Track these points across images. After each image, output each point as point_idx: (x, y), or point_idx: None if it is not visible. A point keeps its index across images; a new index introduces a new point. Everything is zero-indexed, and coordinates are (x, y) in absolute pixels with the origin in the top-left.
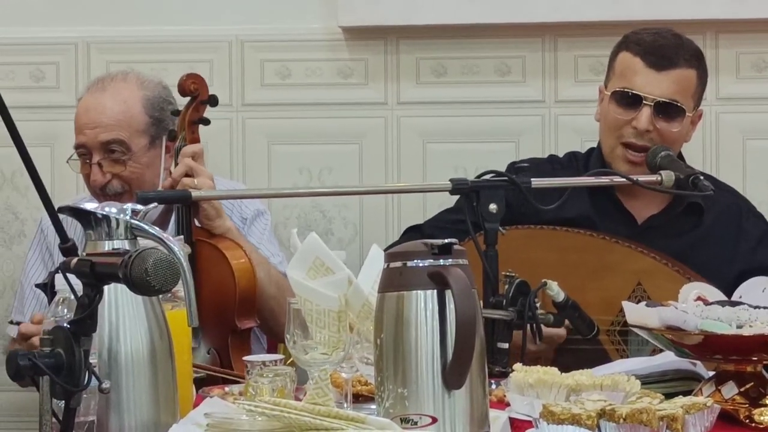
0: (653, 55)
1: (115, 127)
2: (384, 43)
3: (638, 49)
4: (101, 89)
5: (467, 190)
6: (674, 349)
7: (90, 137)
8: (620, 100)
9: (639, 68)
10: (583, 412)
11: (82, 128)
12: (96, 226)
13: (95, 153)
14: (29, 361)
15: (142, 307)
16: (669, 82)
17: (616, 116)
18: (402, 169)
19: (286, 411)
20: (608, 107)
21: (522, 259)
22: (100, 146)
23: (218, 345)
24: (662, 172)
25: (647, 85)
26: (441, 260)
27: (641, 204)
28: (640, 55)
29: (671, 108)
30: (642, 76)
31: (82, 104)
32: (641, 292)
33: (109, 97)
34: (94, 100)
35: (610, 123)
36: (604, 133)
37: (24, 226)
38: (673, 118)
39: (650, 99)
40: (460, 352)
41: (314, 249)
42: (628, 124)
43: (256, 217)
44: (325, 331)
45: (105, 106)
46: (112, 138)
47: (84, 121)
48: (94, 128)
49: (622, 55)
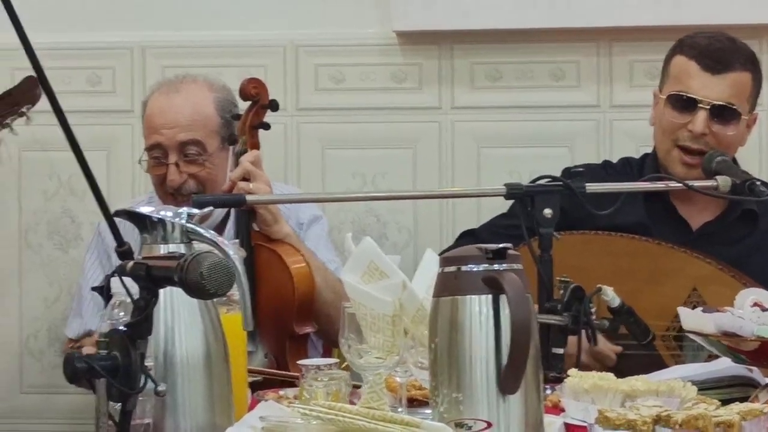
0: (708, 59)
1: (192, 127)
2: (438, 47)
3: (693, 52)
4: (174, 90)
5: (522, 194)
6: (730, 355)
7: (167, 137)
8: (676, 104)
9: (694, 72)
10: (639, 418)
11: (158, 128)
12: (152, 230)
13: (172, 153)
14: (86, 364)
15: (198, 311)
16: (724, 86)
17: (672, 120)
18: (456, 174)
19: (340, 415)
20: (663, 111)
21: (576, 265)
22: (178, 146)
23: (276, 349)
24: (718, 177)
25: (703, 89)
26: (496, 265)
27: (696, 210)
28: (696, 59)
29: (727, 111)
30: (697, 80)
31: (155, 105)
32: (697, 298)
33: (183, 98)
34: (170, 101)
35: (665, 126)
36: (660, 137)
37: (80, 230)
38: (728, 121)
39: (706, 102)
40: (515, 357)
41: (369, 253)
42: (683, 127)
43: (312, 223)
44: (380, 336)
45: (181, 106)
46: (190, 138)
47: (160, 121)
48: (172, 128)
49: (677, 58)
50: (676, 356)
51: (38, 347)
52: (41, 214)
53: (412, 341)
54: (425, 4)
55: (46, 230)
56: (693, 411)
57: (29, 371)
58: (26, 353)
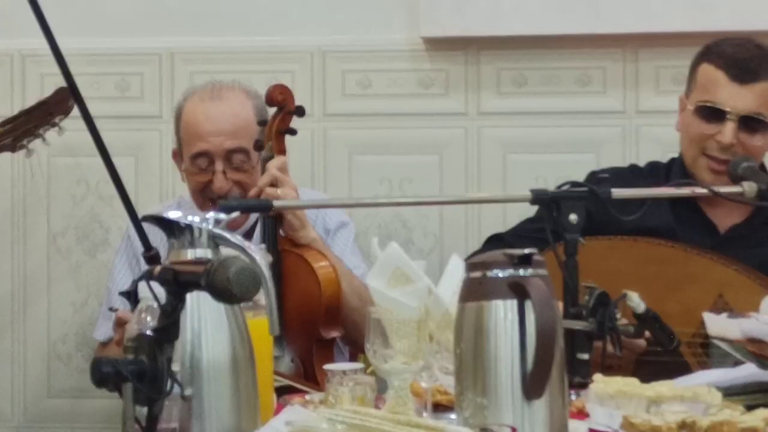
0: (736, 68)
1: (238, 135)
2: (465, 53)
3: (721, 61)
4: (217, 98)
5: (548, 200)
6: (756, 361)
7: (214, 145)
8: (703, 114)
9: (722, 81)
10: (664, 424)
11: (204, 136)
12: (179, 235)
13: (218, 161)
14: (113, 368)
15: (224, 315)
16: (753, 96)
17: (699, 130)
18: (482, 180)
19: (366, 419)
20: (691, 120)
21: (602, 270)
22: (225, 154)
23: (303, 354)
24: (744, 183)
25: (730, 99)
26: (521, 270)
27: (723, 213)
28: (723, 68)
29: (755, 122)
30: (725, 90)
31: (198, 112)
32: (723, 304)
33: (227, 106)
34: (214, 108)
35: (693, 136)
36: (687, 145)
37: (108, 235)
38: (756, 131)
39: (734, 114)
40: (540, 362)
41: (395, 258)
42: (711, 137)
43: (339, 228)
44: (405, 341)
45: (226, 114)
46: (237, 146)
47: (207, 128)
48: (218, 136)
49: (704, 66)
50: (703, 363)
51: (66, 352)
52: (70, 219)
53: (438, 346)
54: (452, 10)
55: (75, 235)
56: (718, 417)
57: (57, 376)
58: (54, 357)
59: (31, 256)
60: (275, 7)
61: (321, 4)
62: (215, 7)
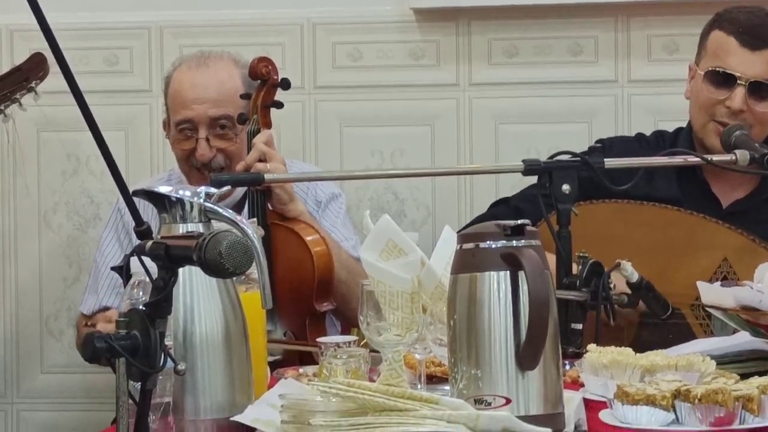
0: (747, 35)
1: (224, 102)
2: (455, 24)
3: (732, 28)
4: (204, 65)
5: (540, 171)
6: (749, 329)
7: (199, 112)
8: (713, 80)
9: (733, 48)
10: (658, 393)
11: (188, 103)
12: (170, 209)
13: (202, 128)
14: (106, 343)
15: (217, 290)
16: (763, 62)
17: (709, 95)
18: (474, 151)
19: (360, 392)
20: (701, 86)
21: (608, 235)
22: (210, 121)
23: (295, 328)
24: (737, 151)
25: (741, 65)
26: (514, 241)
27: (728, 187)
28: (734, 35)
29: (765, 88)
30: (736, 56)
31: (184, 80)
32: (727, 268)
33: (213, 73)
34: (200, 76)
35: (702, 102)
36: (696, 111)
37: (99, 210)
38: (766, 97)
39: (744, 79)
40: (534, 332)
41: (387, 231)
42: (720, 103)
43: (330, 200)
44: (399, 313)
45: (211, 81)
46: (222, 114)
47: (191, 96)
48: (203, 103)
49: (715, 33)
50: (705, 326)
51: (58, 327)
52: (60, 194)
53: (431, 318)
54: None
55: (65, 210)
56: (712, 385)
57: (49, 351)
58: (46, 333)
59: (22, 232)
60: None
61: None
62: None
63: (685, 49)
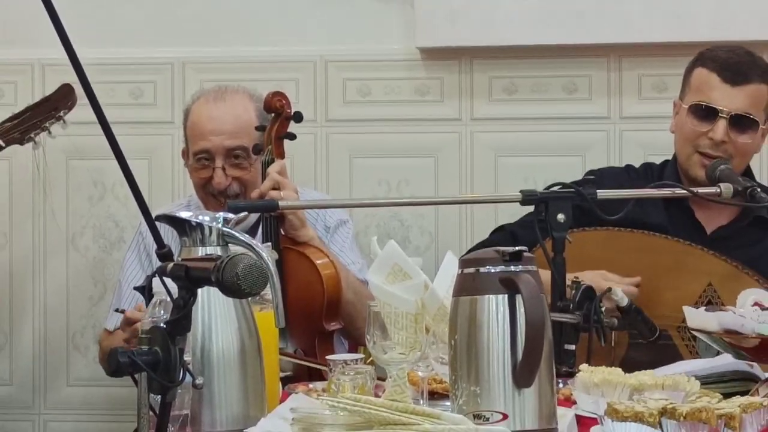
0: (729, 71)
1: (239, 134)
2: (458, 62)
3: (714, 65)
4: (221, 99)
5: (537, 201)
6: (732, 352)
7: (215, 143)
8: (697, 113)
9: (715, 83)
10: (646, 410)
11: (206, 135)
12: (191, 233)
13: (218, 158)
14: (128, 359)
15: (233, 309)
16: (743, 97)
17: (693, 128)
18: (475, 181)
19: (366, 407)
20: (685, 120)
21: (601, 258)
22: (225, 152)
23: (305, 346)
24: (721, 184)
25: (723, 99)
26: (512, 266)
27: (712, 215)
28: (716, 71)
29: (745, 120)
30: (718, 91)
31: (202, 113)
32: (712, 293)
33: (229, 107)
34: (217, 110)
35: (686, 134)
36: (681, 144)
37: (123, 233)
38: (746, 130)
39: (726, 112)
40: (530, 352)
41: (393, 255)
42: (704, 135)
43: (339, 226)
44: (403, 333)
45: (227, 114)
46: (237, 145)
47: (209, 128)
48: (219, 135)
49: (698, 70)
50: (691, 347)
51: (84, 343)
52: (87, 218)
53: (434, 338)
54: (447, 21)
55: (92, 234)
56: (697, 404)
57: (75, 365)
58: (72, 349)
59: (51, 254)
60: (280, 19)
61: (323, 17)
62: (224, 19)
63: (673, 88)
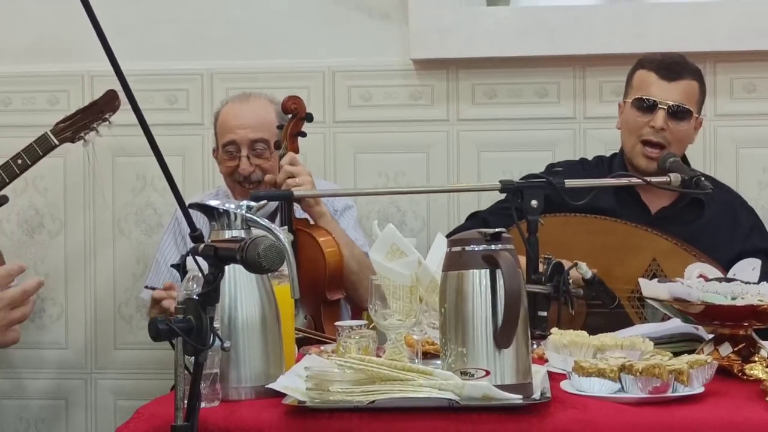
0: (665, 69)
1: (261, 128)
2: (446, 72)
3: (652, 65)
4: (245, 101)
5: (513, 189)
6: (680, 317)
7: (241, 135)
8: (639, 106)
9: (653, 80)
10: (607, 367)
11: (233, 129)
12: (218, 219)
13: (244, 148)
14: (167, 326)
15: (255, 283)
16: (678, 90)
17: (636, 119)
18: (461, 173)
19: (369, 365)
20: (629, 113)
21: (560, 241)
22: (249, 143)
23: (313, 312)
24: (671, 174)
25: (661, 93)
26: (493, 246)
27: (654, 197)
28: (654, 70)
29: (681, 110)
30: (656, 87)
31: (230, 112)
32: (656, 267)
33: (253, 106)
34: (242, 109)
35: (631, 126)
36: (626, 136)
37: (161, 219)
38: (682, 119)
39: (664, 104)
40: (508, 318)
41: (391, 237)
42: (646, 125)
43: (345, 210)
44: (400, 302)
45: (252, 112)
46: (259, 137)
47: (235, 123)
48: (245, 129)
49: (639, 72)
50: (639, 314)
51: (128, 313)
52: (130, 207)
53: (426, 306)
54: (437, 37)
55: (134, 219)
56: (651, 361)
57: (121, 332)
58: (119, 317)
59: (99, 237)
60: (294, 36)
61: (331, 34)
62: (246, 37)
63: None
